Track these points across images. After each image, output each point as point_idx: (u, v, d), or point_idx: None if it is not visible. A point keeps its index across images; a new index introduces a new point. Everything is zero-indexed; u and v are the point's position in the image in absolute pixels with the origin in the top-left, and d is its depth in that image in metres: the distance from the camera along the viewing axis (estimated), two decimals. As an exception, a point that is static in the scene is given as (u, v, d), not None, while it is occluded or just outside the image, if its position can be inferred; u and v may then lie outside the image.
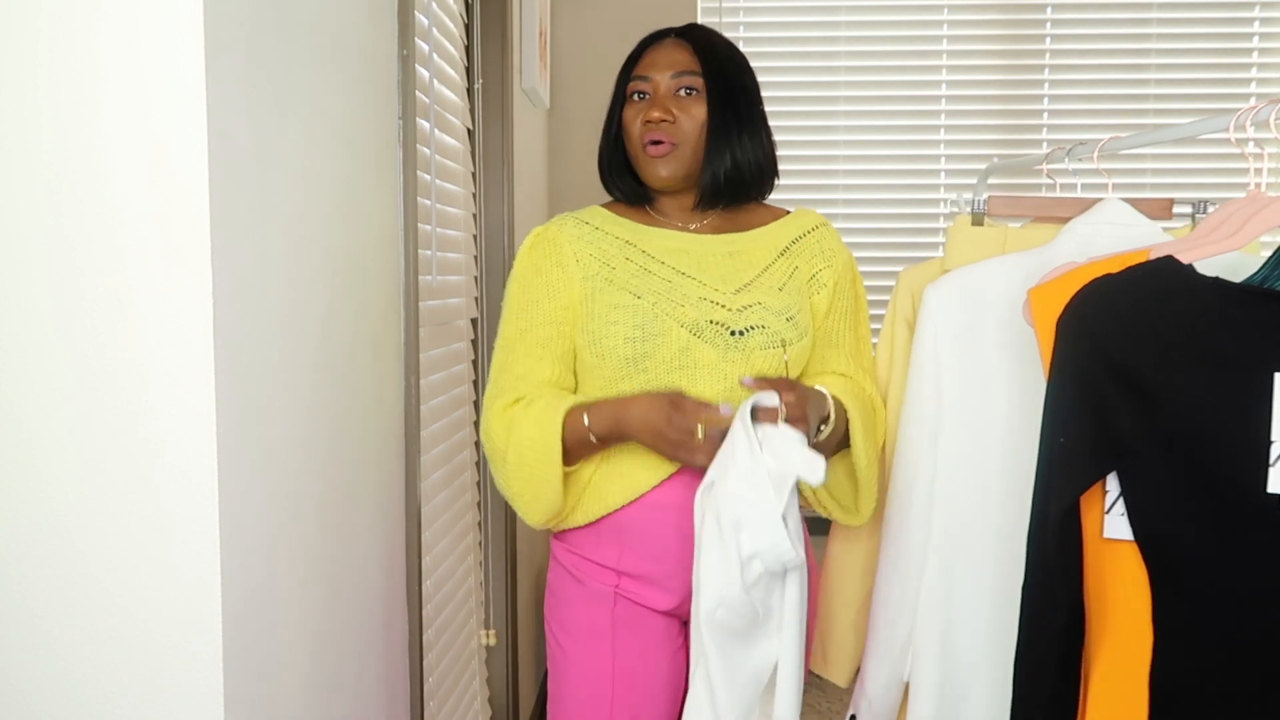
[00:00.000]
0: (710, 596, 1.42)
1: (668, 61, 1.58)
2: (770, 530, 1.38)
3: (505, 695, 2.62)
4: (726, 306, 1.56)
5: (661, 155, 1.56)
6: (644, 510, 1.56)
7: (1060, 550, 1.25)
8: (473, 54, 2.44)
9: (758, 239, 1.63)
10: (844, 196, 3.43)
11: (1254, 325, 1.17)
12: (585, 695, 1.59)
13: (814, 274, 1.63)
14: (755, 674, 1.45)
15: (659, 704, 1.60)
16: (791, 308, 1.58)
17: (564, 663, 1.62)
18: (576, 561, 1.62)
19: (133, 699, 1.07)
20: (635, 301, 1.55)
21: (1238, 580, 1.19)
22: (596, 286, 1.57)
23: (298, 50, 1.25)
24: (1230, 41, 3.34)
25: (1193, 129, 1.49)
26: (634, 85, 1.59)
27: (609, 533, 1.58)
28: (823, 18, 3.38)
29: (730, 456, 1.42)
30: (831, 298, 1.64)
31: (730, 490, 1.40)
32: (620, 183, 1.63)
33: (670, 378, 1.53)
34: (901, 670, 1.59)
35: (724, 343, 1.54)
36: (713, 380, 1.54)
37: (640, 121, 1.57)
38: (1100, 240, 1.49)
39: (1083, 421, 1.23)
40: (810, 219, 1.68)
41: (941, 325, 1.54)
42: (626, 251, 1.59)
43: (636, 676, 1.58)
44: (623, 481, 1.56)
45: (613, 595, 1.59)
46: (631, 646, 1.58)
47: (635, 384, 1.54)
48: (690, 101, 1.56)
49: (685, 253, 1.60)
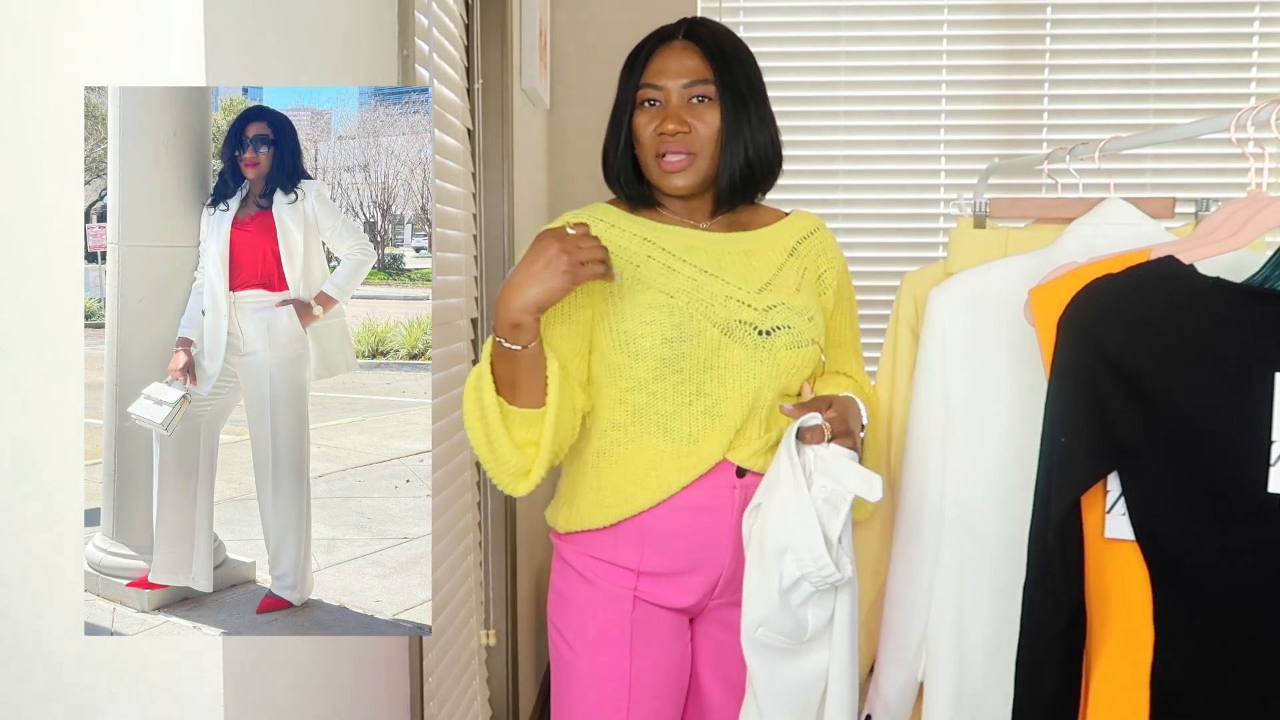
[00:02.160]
0: (751, 617, 1.46)
1: (678, 69, 1.55)
2: (815, 554, 1.40)
3: (505, 695, 2.62)
4: (752, 306, 1.56)
5: (679, 169, 1.54)
6: (672, 510, 1.55)
7: (1061, 550, 1.25)
8: (473, 54, 2.44)
9: (766, 238, 1.63)
10: (844, 197, 3.42)
11: (1254, 325, 1.17)
12: (599, 699, 1.58)
13: (820, 274, 1.65)
14: (802, 685, 1.48)
15: (673, 703, 1.60)
16: (810, 308, 1.59)
17: (574, 665, 1.60)
18: (589, 563, 1.60)
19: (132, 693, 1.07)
20: (669, 301, 1.53)
21: (1238, 580, 1.19)
22: (624, 285, 1.55)
23: (298, 51, 1.25)
24: (1230, 41, 3.34)
25: (1193, 129, 1.49)
26: (645, 93, 1.56)
27: (630, 534, 1.56)
28: (823, 17, 3.38)
29: (775, 483, 1.45)
30: (836, 298, 1.66)
31: (774, 519, 1.43)
32: (629, 187, 1.61)
33: (700, 378, 1.53)
34: (916, 670, 1.59)
35: (752, 342, 1.54)
36: (740, 380, 1.53)
37: (654, 132, 1.55)
38: (1104, 240, 1.49)
39: (1083, 421, 1.23)
40: (810, 220, 1.68)
41: (948, 328, 1.54)
42: (648, 249, 1.58)
43: (653, 678, 1.58)
44: (649, 482, 1.54)
45: (630, 599, 1.57)
46: (648, 649, 1.58)
47: (667, 384, 1.53)
48: (704, 109, 1.55)
49: (704, 251, 1.59)
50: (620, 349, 1.54)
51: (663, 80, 1.56)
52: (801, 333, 1.56)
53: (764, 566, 1.43)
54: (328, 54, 1.34)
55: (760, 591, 1.44)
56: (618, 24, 3.25)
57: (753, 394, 1.54)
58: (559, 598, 1.64)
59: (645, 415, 1.55)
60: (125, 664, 1.07)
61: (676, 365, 1.52)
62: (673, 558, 1.56)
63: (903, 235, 3.42)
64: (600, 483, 1.57)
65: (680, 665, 1.62)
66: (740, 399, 1.53)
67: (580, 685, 1.59)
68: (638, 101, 1.58)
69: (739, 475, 1.54)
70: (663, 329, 1.52)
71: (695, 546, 1.55)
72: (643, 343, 1.52)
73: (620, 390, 1.56)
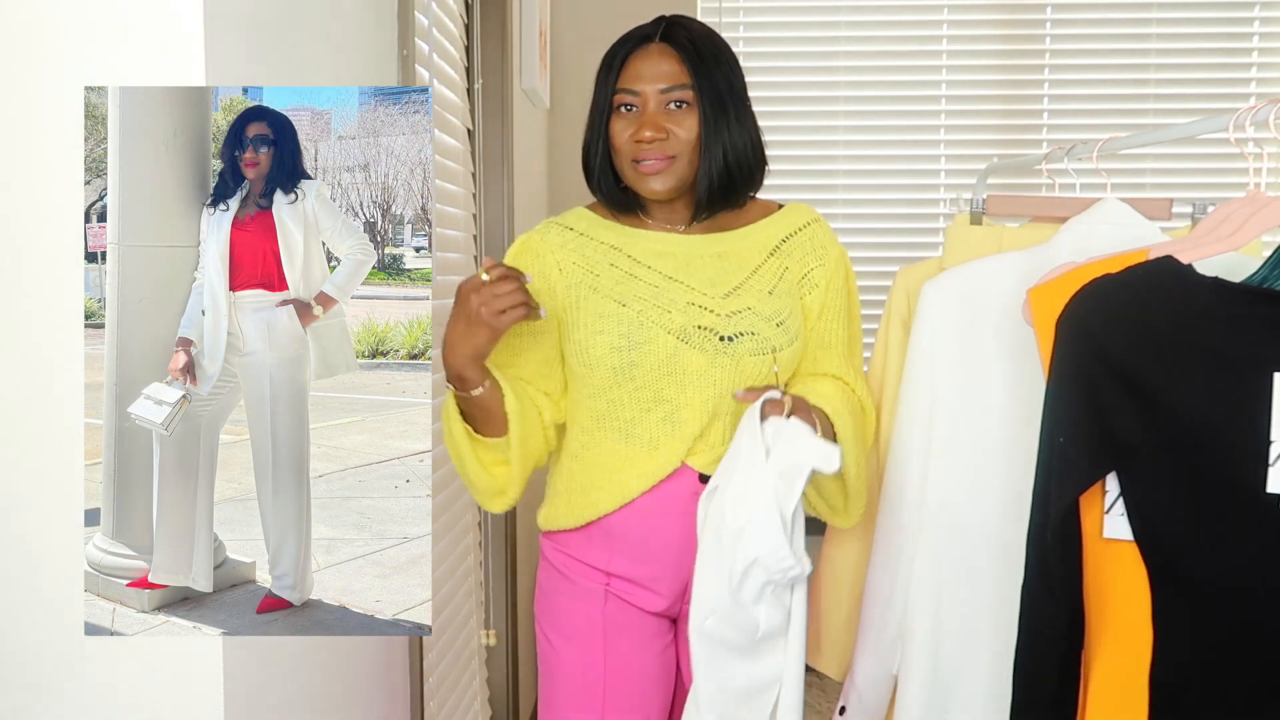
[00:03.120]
0: (701, 605, 1.42)
1: (655, 74, 1.52)
2: (771, 534, 1.37)
3: (505, 695, 2.63)
4: (715, 311, 1.53)
5: (655, 172, 1.52)
6: (634, 514, 1.55)
7: (1060, 550, 1.25)
8: (473, 54, 2.44)
9: (746, 238, 1.60)
10: (844, 196, 3.42)
11: (1254, 325, 1.17)
12: (577, 693, 1.58)
13: (805, 273, 1.60)
14: (750, 690, 1.44)
15: (652, 701, 1.59)
16: (782, 312, 1.55)
17: (555, 660, 1.61)
18: (566, 560, 1.61)
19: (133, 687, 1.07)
20: (620, 310, 1.53)
21: (1238, 580, 1.19)
22: (581, 295, 1.56)
23: (298, 51, 1.25)
24: (1230, 41, 3.34)
25: (1192, 129, 1.49)
26: (621, 98, 1.54)
27: (599, 536, 1.58)
28: (823, 18, 3.37)
29: (733, 461, 1.42)
30: (824, 297, 1.61)
31: (733, 495, 1.39)
32: (610, 193, 1.60)
33: (658, 384, 1.53)
34: (890, 664, 1.60)
35: (712, 348, 1.52)
36: (701, 387, 1.52)
37: (630, 139, 1.53)
38: (1098, 240, 1.49)
39: (1082, 421, 1.23)
40: (803, 215, 1.64)
41: (938, 322, 1.54)
42: (612, 257, 1.58)
43: (628, 674, 1.58)
44: (612, 486, 1.55)
45: (603, 593, 1.58)
46: (622, 644, 1.58)
47: (624, 391, 1.53)
48: (682, 114, 1.52)
49: (672, 255, 1.58)
50: (575, 357, 1.55)
51: (639, 85, 1.53)
52: (766, 339, 1.53)
53: (720, 549, 1.40)
54: (327, 54, 1.34)
55: (713, 575, 1.40)
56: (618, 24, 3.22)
57: (713, 400, 1.52)
58: (542, 594, 1.66)
59: (607, 421, 1.56)
60: (125, 664, 1.07)
61: (629, 373, 1.52)
62: (638, 561, 1.57)
63: (902, 235, 3.42)
64: (572, 484, 1.59)
65: (660, 666, 1.60)
66: (700, 405, 1.52)
67: (559, 680, 1.61)
68: (614, 106, 1.55)
69: (702, 481, 1.53)
70: (611, 338, 1.52)
71: (659, 551, 1.55)
72: (593, 352, 1.53)
73: (584, 396, 1.58)
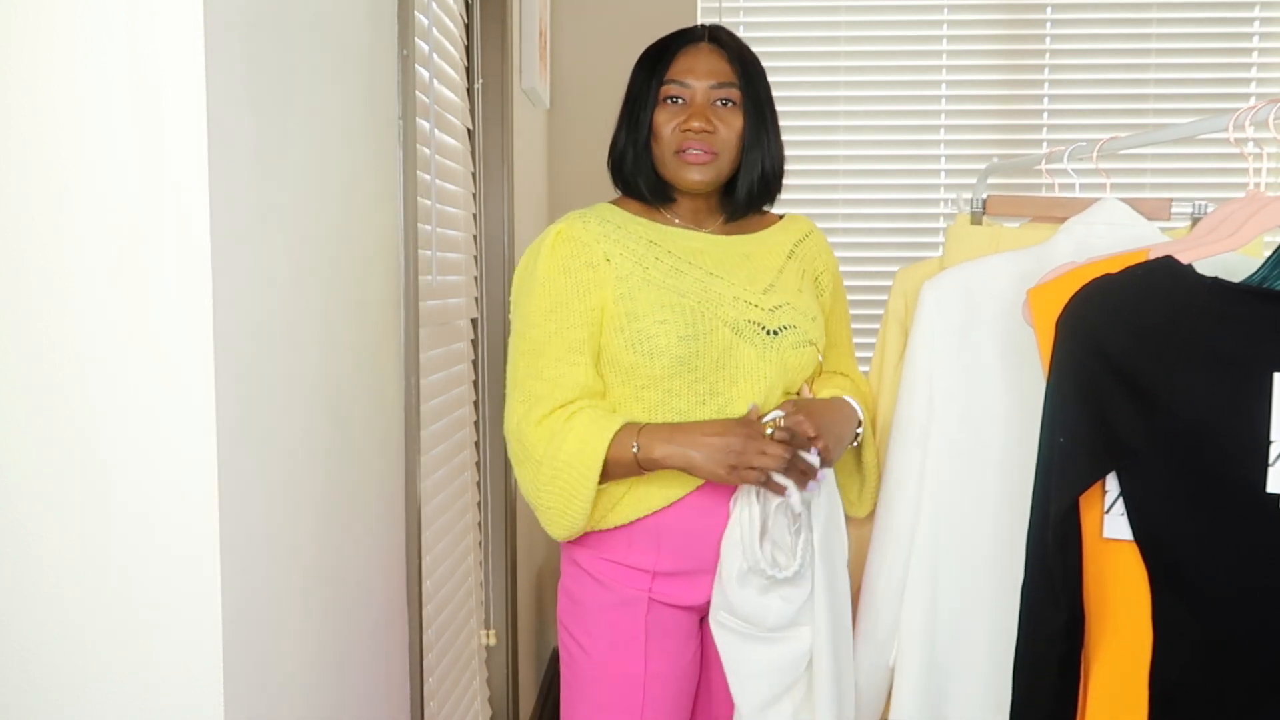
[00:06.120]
0: (714, 600, 1.57)
1: (707, 69, 1.57)
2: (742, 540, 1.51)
3: (505, 695, 2.62)
4: (760, 306, 1.58)
5: (700, 163, 1.56)
6: (683, 510, 1.57)
7: (1060, 550, 1.25)
8: (473, 54, 2.44)
9: (764, 242, 1.66)
10: (844, 196, 3.42)
11: (1254, 325, 1.17)
12: (612, 700, 1.59)
13: (817, 276, 1.69)
14: (780, 667, 1.54)
15: (684, 702, 1.63)
16: (812, 308, 1.63)
17: (586, 667, 1.61)
18: (605, 567, 1.60)
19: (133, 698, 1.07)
20: (681, 300, 1.55)
21: (1238, 580, 1.19)
22: (634, 286, 1.55)
23: (298, 50, 1.25)
24: (1230, 41, 3.34)
25: (1192, 129, 1.49)
26: (670, 90, 1.57)
27: (645, 534, 1.58)
28: (823, 18, 3.38)
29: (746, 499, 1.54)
30: (831, 300, 1.70)
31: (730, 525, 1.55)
32: (643, 181, 1.61)
33: (713, 377, 1.54)
34: (887, 655, 1.61)
35: (761, 342, 1.56)
36: (750, 380, 1.55)
37: (677, 129, 1.56)
38: (1097, 240, 1.49)
39: (1082, 422, 1.24)
40: (804, 224, 1.72)
41: (937, 321, 1.55)
42: (654, 251, 1.59)
43: (666, 679, 1.60)
44: (663, 483, 1.56)
45: (645, 600, 1.59)
46: (662, 650, 1.59)
47: (682, 382, 1.54)
48: (728, 112, 1.57)
49: (706, 253, 1.61)
50: (633, 348, 1.54)
51: (690, 79, 1.57)
52: (806, 332, 1.60)
53: (724, 549, 1.55)
54: (327, 53, 1.34)
55: (722, 573, 1.54)
56: (618, 24, 3.25)
57: (763, 393, 1.56)
58: (571, 600, 1.65)
59: (660, 413, 1.56)
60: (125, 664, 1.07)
61: (691, 363, 1.53)
62: (687, 557, 1.58)
63: (902, 235, 3.42)
64: (614, 494, 1.57)
65: (692, 665, 1.64)
66: (751, 399, 1.55)
67: (594, 687, 1.61)
68: (660, 98, 1.58)
69: None
70: (677, 327, 1.53)
71: (708, 546, 1.56)
72: (658, 341, 1.53)
73: (634, 388, 1.56)
